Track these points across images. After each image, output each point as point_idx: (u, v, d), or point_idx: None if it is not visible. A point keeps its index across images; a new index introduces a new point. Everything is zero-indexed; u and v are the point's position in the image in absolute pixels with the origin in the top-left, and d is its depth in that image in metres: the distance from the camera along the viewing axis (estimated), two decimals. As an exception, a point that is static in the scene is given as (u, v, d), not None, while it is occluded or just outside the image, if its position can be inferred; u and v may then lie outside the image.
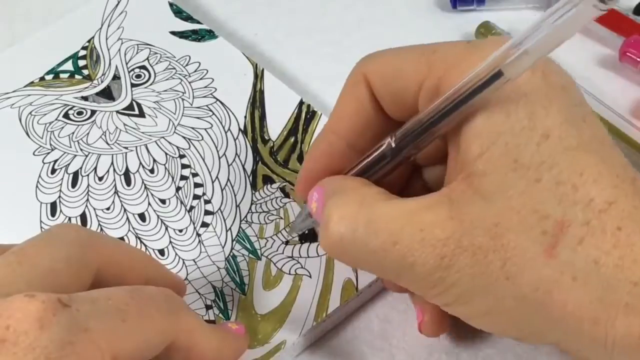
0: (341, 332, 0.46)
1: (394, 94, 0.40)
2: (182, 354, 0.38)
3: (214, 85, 0.56)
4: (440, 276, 0.36)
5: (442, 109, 0.36)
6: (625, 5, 0.58)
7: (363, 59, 0.41)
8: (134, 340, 0.35)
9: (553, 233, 0.34)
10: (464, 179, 0.36)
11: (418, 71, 0.39)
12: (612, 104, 0.52)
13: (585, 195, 0.34)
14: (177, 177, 0.51)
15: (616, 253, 0.34)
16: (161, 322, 0.36)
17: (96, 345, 0.32)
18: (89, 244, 0.38)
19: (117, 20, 0.60)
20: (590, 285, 0.34)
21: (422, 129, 0.38)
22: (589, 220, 0.34)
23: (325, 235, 0.38)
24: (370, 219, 0.37)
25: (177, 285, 0.43)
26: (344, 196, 0.38)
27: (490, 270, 0.35)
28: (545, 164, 0.35)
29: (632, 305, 0.33)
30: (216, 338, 0.40)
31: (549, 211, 0.34)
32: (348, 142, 0.41)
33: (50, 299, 0.32)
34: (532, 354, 0.44)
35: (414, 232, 0.36)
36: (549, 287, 0.34)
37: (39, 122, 0.54)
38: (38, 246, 0.37)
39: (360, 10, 0.60)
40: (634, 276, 0.33)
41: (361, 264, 0.39)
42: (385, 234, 0.36)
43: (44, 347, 0.31)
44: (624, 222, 0.34)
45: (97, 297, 0.34)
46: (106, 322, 0.33)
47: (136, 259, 0.41)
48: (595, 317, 0.34)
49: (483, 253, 0.35)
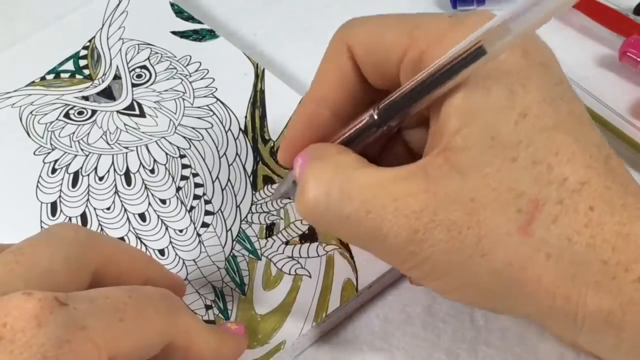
0: (341, 332, 0.45)
1: (376, 64, 0.40)
2: (180, 354, 0.37)
3: (215, 85, 0.55)
4: (412, 250, 0.36)
5: (424, 84, 0.36)
6: (625, 5, 0.57)
7: (344, 26, 0.41)
8: (132, 340, 0.34)
9: (528, 211, 0.35)
10: (440, 152, 0.36)
11: (401, 43, 0.39)
12: (612, 104, 0.52)
13: (559, 174, 0.35)
14: (178, 177, 0.51)
15: (588, 232, 0.34)
16: (159, 322, 0.36)
17: (93, 343, 0.32)
18: (88, 243, 0.38)
19: (118, 20, 0.59)
20: (563, 262, 0.35)
21: (404, 103, 0.38)
22: (562, 199, 0.35)
23: (301, 199, 0.38)
24: (344, 185, 0.37)
25: (177, 285, 0.43)
26: (321, 162, 0.38)
27: (465, 246, 0.35)
28: (522, 143, 0.35)
29: (601, 284, 0.34)
30: (215, 338, 0.39)
31: (524, 189, 0.35)
32: (331, 110, 0.41)
33: (48, 297, 0.32)
34: (532, 353, 0.43)
35: (387, 202, 0.36)
36: (523, 264, 0.35)
37: (40, 121, 0.54)
38: (36, 245, 0.36)
39: (360, 10, 0.59)
40: (604, 255, 0.34)
41: (335, 230, 0.39)
42: (358, 200, 0.36)
43: (40, 345, 0.31)
44: (595, 202, 0.35)
45: (95, 296, 0.34)
46: (104, 320, 0.33)
47: (135, 259, 0.41)
48: (567, 293, 0.35)
49: (458, 228, 0.35)
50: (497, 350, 0.44)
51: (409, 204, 0.35)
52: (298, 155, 0.40)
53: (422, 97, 0.37)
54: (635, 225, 0.34)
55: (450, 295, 0.38)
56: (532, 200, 0.35)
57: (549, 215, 0.35)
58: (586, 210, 0.35)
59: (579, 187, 0.35)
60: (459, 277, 0.36)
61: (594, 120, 0.36)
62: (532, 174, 0.35)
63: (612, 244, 0.34)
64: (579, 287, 0.35)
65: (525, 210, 0.35)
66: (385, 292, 0.46)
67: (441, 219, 0.35)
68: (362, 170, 0.37)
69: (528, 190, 0.35)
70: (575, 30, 0.58)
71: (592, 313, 0.35)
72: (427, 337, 0.44)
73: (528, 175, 0.35)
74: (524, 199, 0.35)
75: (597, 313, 0.35)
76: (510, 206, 0.35)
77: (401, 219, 0.36)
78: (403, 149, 0.44)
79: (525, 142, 0.35)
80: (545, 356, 0.43)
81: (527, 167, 0.35)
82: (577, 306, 0.35)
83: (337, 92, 0.41)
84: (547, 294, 0.35)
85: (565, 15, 0.59)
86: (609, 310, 0.34)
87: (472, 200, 0.35)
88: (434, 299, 0.45)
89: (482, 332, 0.44)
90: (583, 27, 0.58)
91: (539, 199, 0.35)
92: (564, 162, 0.35)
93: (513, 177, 0.35)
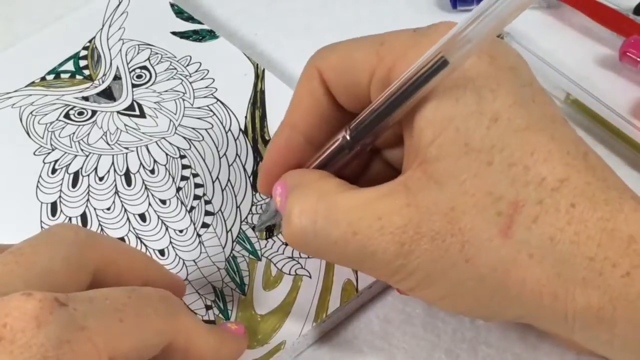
0: (341, 332, 0.45)
1: (346, 86, 0.40)
2: (180, 355, 0.37)
3: (215, 86, 0.55)
4: (401, 263, 0.36)
5: (391, 99, 0.37)
6: (625, 5, 0.57)
7: (316, 53, 0.42)
8: (131, 340, 0.34)
9: (507, 213, 0.35)
10: (418, 165, 0.36)
11: (368, 63, 0.39)
12: (612, 104, 0.52)
13: (536, 174, 0.35)
14: (178, 177, 0.50)
15: (571, 229, 0.34)
16: (158, 322, 0.36)
17: (93, 343, 0.32)
18: (88, 244, 0.38)
19: (118, 20, 0.59)
20: (546, 261, 0.35)
21: (374, 121, 0.38)
22: (542, 199, 0.35)
23: (288, 229, 0.38)
24: (329, 211, 0.37)
25: (177, 285, 0.43)
26: (304, 189, 0.39)
27: (450, 253, 0.35)
28: (496, 146, 0.35)
29: (589, 279, 0.34)
30: (214, 339, 0.39)
31: (502, 192, 0.35)
32: (305, 136, 0.42)
33: (47, 297, 0.32)
34: (532, 354, 0.43)
35: (372, 222, 0.36)
36: (506, 267, 0.35)
37: (40, 122, 0.54)
38: (36, 246, 0.36)
39: (360, 10, 0.60)
40: (589, 252, 0.34)
41: (324, 255, 0.40)
42: (344, 224, 0.37)
43: (40, 345, 0.31)
44: (576, 199, 0.35)
45: (95, 296, 0.34)
46: (103, 321, 0.33)
47: (135, 259, 0.41)
48: (554, 292, 0.35)
49: (441, 237, 0.35)
50: (497, 350, 0.44)
51: (393, 221, 0.36)
52: (276, 183, 0.41)
53: (390, 112, 0.37)
54: (619, 220, 0.34)
55: (438, 303, 0.38)
56: (512, 203, 0.35)
57: (528, 216, 0.35)
58: (568, 208, 0.35)
59: (558, 185, 0.35)
60: (445, 285, 0.36)
61: (594, 120, 0.36)
62: (508, 176, 0.35)
63: (597, 240, 0.34)
64: (565, 284, 0.35)
65: (505, 213, 0.35)
66: (386, 292, 0.46)
67: (425, 230, 0.35)
68: (345, 194, 0.38)
69: (506, 193, 0.35)
70: (575, 31, 0.58)
71: (582, 310, 0.35)
72: (427, 337, 0.44)
73: (505, 178, 0.35)
74: (503, 202, 0.35)
75: (587, 309, 0.35)
76: (489, 210, 0.35)
77: (387, 236, 0.36)
78: (386, 168, 0.44)
79: (500, 146, 0.35)
80: (545, 356, 0.43)
81: (504, 170, 0.35)
82: (565, 304, 0.35)
83: (309, 117, 0.42)
84: (533, 294, 0.35)
85: (566, 15, 0.59)
86: (598, 306, 0.34)
87: (452, 209, 0.35)
88: (434, 299, 0.45)
89: (481, 332, 0.44)
90: (583, 27, 0.58)
91: (518, 200, 0.35)
92: (540, 161, 0.35)
93: (490, 182, 0.35)
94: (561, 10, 0.59)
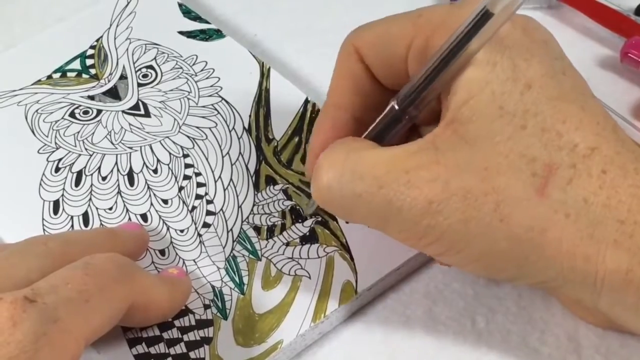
0: (340, 333, 0.43)
1: (385, 61, 0.40)
2: (141, 311, 0.38)
3: (220, 84, 0.53)
4: (428, 223, 0.35)
5: (437, 63, 0.36)
6: (626, 6, 0.56)
7: (352, 32, 0.41)
8: (100, 317, 0.35)
9: (542, 175, 0.34)
10: (448, 124, 0.36)
11: (406, 35, 0.38)
12: (613, 105, 0.50)
13: (569, 141, 0.35)
14: (180, 176, 0.48)
15: (603, 194, 0.34)
16: (119, 290, 0.37)
17: (68, 333, 0.33)
18: (59, 253, 0.38)
19: (126, 20, 0.57)
20: (581, 222, 0.34)
21: (422, 87, 0.37)
22: (574, 163, 0.34)
23: (315, 185, 0.38)
24: (355, 165, 0.36)
25: (139, 238, 0.44)
26: (335, 146, 0.38)
27: (483, 213, 0.34)
28: (530, 111, 0.35)
29: (620, 242, 0.34)
30: (167, 288, 0.40)
31: (536, 155, 0.34)
32: (351, 113, 0.41)
33: (17, 297, 0.33)
34: (533, 357, 0.41)
35: (399, 175, 0.35)
36: (543, 226, 0.34)
37: (45, 120, 0.51)
38: (12, 259, 0.37)
39: (360, 10, 0.57)
40: (620, 215, 0.34)
41: (350, 212, 0.38)
42: (370, 177, 0.36)
43: (18, 342, 0.31)
44: (607, 166, 0.35)
45: (57, 284, 0.34)
46: (72, 307, 0.34)
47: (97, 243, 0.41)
48: (587, 253, 0.34)
49: (473, 197, 0.34)
50: (498, 353, 0.41)
51: (420, 176, 0.35)
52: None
53: (437, 75, 0.36)
54: None
55: (469, 267, 0.37)
56: (546, 165, 0.34)
57: (563, 178, 0.34)
58: (599, 174, 0.34)
59: (589, 153, 0.34)
60: (478, 247, 0.35)
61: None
62: (541, 140, 0.34)
63: (628, 205, 0.34)
64: (598, 245, 0.34)
65: (540, 174, 0.34)
66: (386, 294, 0.44)
67: (455, 188, 0.34)
68: (373, 150, 0.37)
69: (540, 156, 0.34)
70: (576, 31, 0.57)
71: (612, 272, 0.34)
72: (428, 340, 0.42)
73: (538, 142, 0.34)
74: (537, 163, 0.34)
75: (616, 272, 0.34)
76: (524, 171, 0.34)
77: (414, 191, 0.35)
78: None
79: (533, 111, 0.35)
80: (546, 357, 0.41)
81: (537, 134, 0.35)
82: (596, 265, 0.34)
83: (351, 95, 0.41)
84: (567, 256, 0.34)
85: (566, 16, 0.57)
86: (627, 268, 0.34)
87: (486, 169, 0.34)
88: (434, 302, 0.43)
89: (483, 335, 0.42)
90: (584, 27, 0.56)
91: (552, 163, 0.34)
92: (572, 129, 0.35)
93: (524, 144, 0.34)
94: (561, 11, 0.57)
